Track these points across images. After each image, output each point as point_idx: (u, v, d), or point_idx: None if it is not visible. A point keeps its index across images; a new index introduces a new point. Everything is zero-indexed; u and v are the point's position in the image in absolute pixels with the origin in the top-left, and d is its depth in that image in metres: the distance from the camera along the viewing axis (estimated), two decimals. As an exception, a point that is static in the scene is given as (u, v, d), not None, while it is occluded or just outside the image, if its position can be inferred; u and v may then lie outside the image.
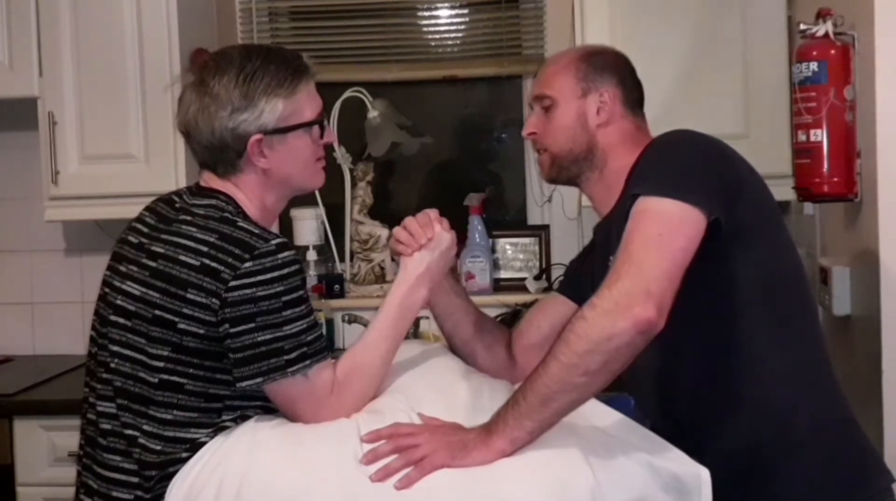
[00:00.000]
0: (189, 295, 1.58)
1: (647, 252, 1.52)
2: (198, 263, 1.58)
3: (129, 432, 1.62)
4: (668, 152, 1.70)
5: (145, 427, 1.61)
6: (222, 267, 1.57)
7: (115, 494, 1.62)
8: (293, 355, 1.58)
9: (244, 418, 1.64)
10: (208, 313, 1.57)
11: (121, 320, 1.65)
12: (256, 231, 1.61)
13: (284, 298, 1.58)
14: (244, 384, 1.59)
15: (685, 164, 1.65)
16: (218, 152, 1.69)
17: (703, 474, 1.51)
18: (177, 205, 1.71)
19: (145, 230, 1.70)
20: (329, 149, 3.30)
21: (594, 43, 2.00)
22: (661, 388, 1.73)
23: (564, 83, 1.84)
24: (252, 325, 1.57)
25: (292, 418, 1.62)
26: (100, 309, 1.71)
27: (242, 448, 1.55)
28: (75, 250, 3.30)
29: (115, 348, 1.64)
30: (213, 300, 1.57)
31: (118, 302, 1.66)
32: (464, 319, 1.91)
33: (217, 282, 1.56)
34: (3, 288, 3.33)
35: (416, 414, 1.60)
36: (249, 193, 1.71)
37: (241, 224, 1.62)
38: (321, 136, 1.76)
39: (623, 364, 1.50)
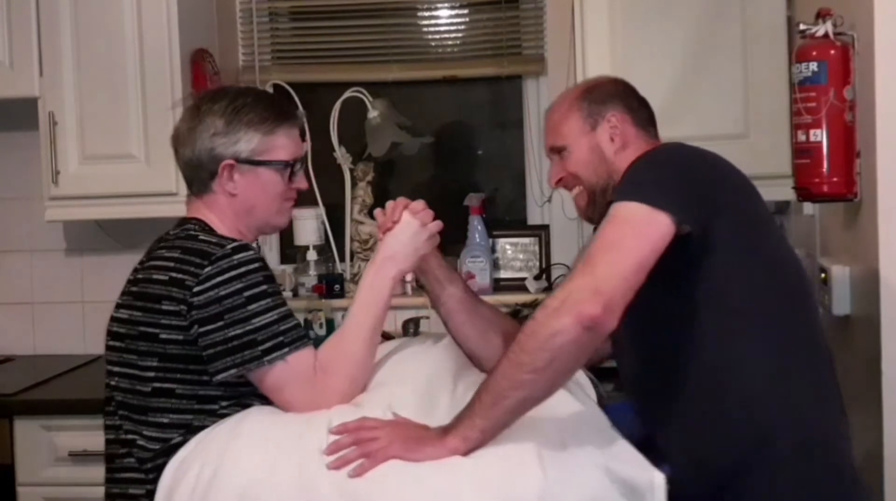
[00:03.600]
0: (163, 307, 1.73)
1: (604, 253, 1.55)
2: (166, 277, 1.75)
3: (130, 437, 1.77)
4: (648, 162, 1.72)
5: (145, 433, 1.75)
6: (187, 277, 1.72)
7: (131, 491, 1.76)
8: (268, 345, 1.70)
9: None
10: (180, 319, 1.72)
11: (116, 343, 1.81)
12: (214, 240, 1.77)
13: (246, 294, 1.71)
14: (220, 376, 1.71)
15: (659, 172, 1.67)
16: (195, 170, 1.86)
17: (657, 479, 1.51)
18: (162, 238, 1.87)
19: (138, 267, 1.86)
20: (329, 149, 3.33)
21: (590, 76, 2.02)
22: (650, 399, 1.74)
23: (571, 126, 1.87)
24: (221, 323, 1.70)
25: (283, 407, 1.72)
26: (105, 342, 1.86)
27: (225, 432, 1.66)
28: (75, 250, 3.30)
29: (115, 369, 1.81)
30: (182, 306, 1.71)
31: (113, 329, 1.83)
32: (456, 306, 1.95)
33: (184, 290, 1.72)
34: (3, 288, 3.33)
35: (391, 413, 1.65)
36: (220, 214, 1.87)
37: (201, 237, 1.79)
38: (290, 179, 1.89)
39: (571, 362, 1.53)
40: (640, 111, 1.89)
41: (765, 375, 1.63)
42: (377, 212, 1.94)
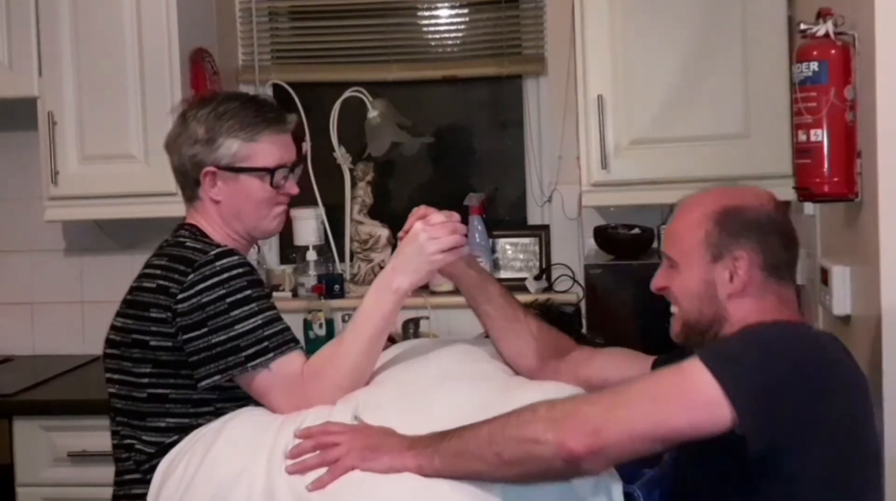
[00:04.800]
0: (152, 314, 1.76)
1: (637, 400, 1.45)
2: (154, 285, 1.78)
3: (129, 441, 1.80)
4: (761, 344, 1.51)
5: (144, 437, 1.78)
6: (172, 284, 1.75)
7: (134, 491, 1.78)
8: (252, 350, 1.71)
9: None
10: (167, 326, 1.74)
11: (113, 351, 1.84)
12: (199, 246, 1.79)
13: (229, 300, 1.72)
14: (204, 383, 1.73)
15: (762, 364, 1.46)
16: (181, 177, 1.90)
17: (615, 490, 1.49)
18: (158, 246, 1.89)
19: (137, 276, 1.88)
20: (329, 149, 3.32)
21: (735, 187, 1.73)
22: None
23: (693, 247, 1.64)
24: (205, 330, 1.72)
25: (270, 409, 1.73)
26: (103, 350, 1.89)
27: (212, 433, 1.69)
28: (75, 250, 3.30)
29: (114, 376, 1.84)
30: (168, 314, 1.74)
31: (110, 337, 1.86)
32: (490, 323, 1.94)
33: (169, 298, 1.74)
34: (3, 288, 3.33)
35: (355, 419, 1.65)
36: (210, 220, 1.88)
37: (188, 244, 1.81)
38: (271, 184, 1.87)
39: (536, 474, 1.46)
40: (778, 252, 1.63)
41: None
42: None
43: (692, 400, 1.42)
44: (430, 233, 1.78)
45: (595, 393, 1.49)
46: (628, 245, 2.85)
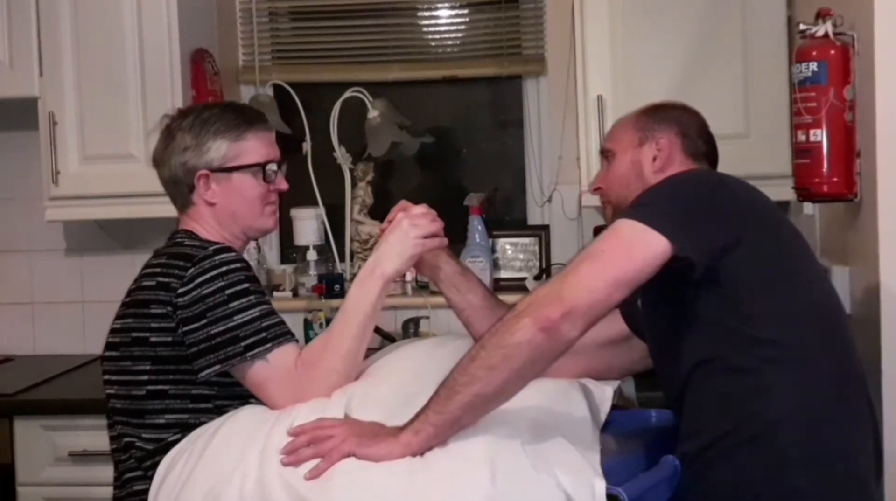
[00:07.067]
0: (152, 310, 1.79)
1: (582, 264, 1.56)
2: (154, 282, 1.81)
3: (129, 440, 1.81)
4: (662, 185, 1.73)
5: (144, 435, 1.79)
6: (172, 279, 1.78)
7: (135, 488, 1.79)
8: (250, 341, 1.74)
9: None
10: (168, 321, 1.77)
11: (112, 353, 1.86)
12: (198, 244, 1.84)
13: (228, 291, 1.76)
14: (204, 374, 1.75)
15: (668, 196, 1.67)
16: (174, 186, 1.94)
17: (598, 488, 1.49)
18: (154, 252, 1.93)
19: (133, 282, 1.91)
20: (329, 149, 3.32)
21: (658, 101, 2.00)
22: (681, 414, 1.73)
23: (624, 135, 1.93)
24: (204, 321, 1.75)
25: (267, 403, 1.75)
26: (102, 353, 1.91)
27: (212, 430, 1.71)
28: (75, 250, 3.30)
29: (113, 377, 1.85)
30: (168, 308, 1.77)
31: (109, 339, 1.88)
32: (475, 314, 1.98)
33: (169, 293, 1.77)
34: (3, 288, 3.33)
35: (343, 415, 1.66)
36: (205, 224, 1.92)
37: (186, 243, 1.86)
38: (264, 180, 1.92)
39: (526, 364, 1.52)
40: (697, 143, 1.90)
41: (793, 405, 1.59)
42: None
43: (624, 243, 1.57)
44: (412, 220, 1.87)
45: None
46: (628, 245, 2.85)
